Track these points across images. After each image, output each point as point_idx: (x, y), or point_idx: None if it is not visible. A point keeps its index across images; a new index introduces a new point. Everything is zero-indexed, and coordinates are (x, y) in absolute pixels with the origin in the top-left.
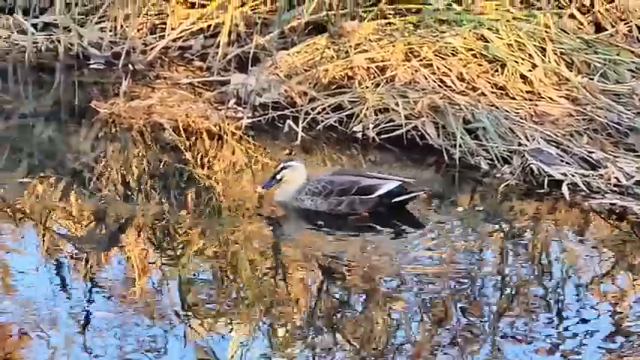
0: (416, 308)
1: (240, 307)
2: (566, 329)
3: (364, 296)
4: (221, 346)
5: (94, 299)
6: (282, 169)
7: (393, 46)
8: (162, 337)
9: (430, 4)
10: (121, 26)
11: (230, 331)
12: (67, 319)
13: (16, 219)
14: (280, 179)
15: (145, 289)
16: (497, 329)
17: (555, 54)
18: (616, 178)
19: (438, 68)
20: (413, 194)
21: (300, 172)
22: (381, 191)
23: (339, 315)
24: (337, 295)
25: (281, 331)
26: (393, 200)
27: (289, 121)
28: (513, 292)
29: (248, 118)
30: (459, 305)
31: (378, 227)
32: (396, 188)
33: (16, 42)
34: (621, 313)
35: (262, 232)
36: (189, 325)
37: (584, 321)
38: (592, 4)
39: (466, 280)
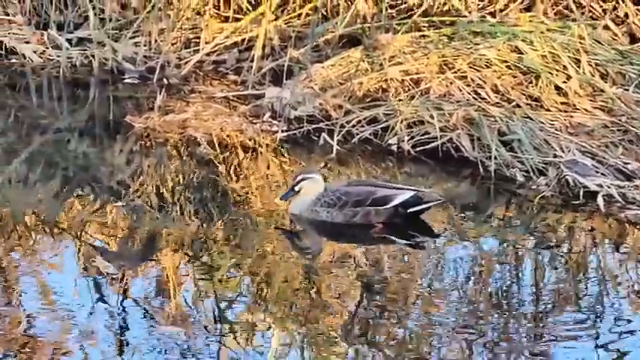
0: (451, 321)
1: (273, 320)
2: (603, 342)
3: (398, 309)
4: None
5: (130, 314)
6: (302, 180)
7: (428, 58)
8: (198, 352)
9: (464, 17)
10: (155, 41)
11: (265, 346)
12: (104, 335)
13: (52, 234)
14: (299, 191)
15: (181, 303)
16: (534, 343)
17: (590, 65)
18: None
19: (472, 80)
20: (429, 204)
21: (318, 183)
22: (396, 201)
23: (373, 328)
24: (370, 308)
25: (316, 345)
26: (409, 210)
27: (324, 134)
28: (550, 306)
29: (283, 131)
30: (491, 317)
31: (401, 238)
32: (411, 198)
33: (50, 57)
34: None
35: (282, 246)
36: (225, 340)
37: (623, 334)
38: (626, 15)
39: (501, 292)
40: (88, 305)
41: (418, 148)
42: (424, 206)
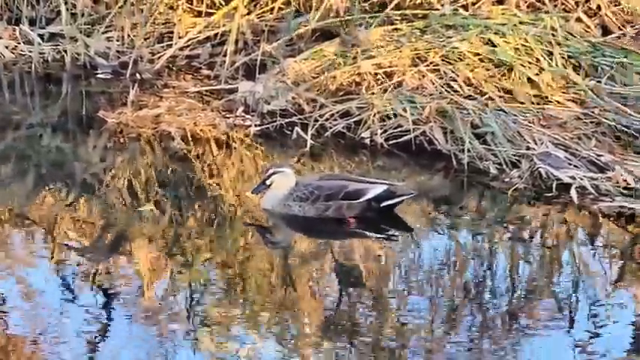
0: (425, 313)
1: (247, 315)
2: (577, 332)
3: (373, 303)
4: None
5: (103, 309)
6: (273, 174)
7: (400, 51)
8: (172, 347)
9: (437, 10)
10: (128, 35)
11: (239, 340)
12: (77, 330)
13: (24, 229)
14: (270, 185)
15: (154, 298)
16: (509, 335)
17: (562, 57)
18: (625, 180)
19: (445, 73)
20: (401, 198)
21: (289, 178)
22: (368, 195)
23: (349, 321)
24: (343, 301)
25: (290, 339)
26: (382, 204)
27: (297, 129)
28: (524, 298)
29: (256, 125)
30: (466, 309)
31: (374, 232)
32: (384, 192)
33: (22, 53)
34: (633, 315)
35: (255, 241)
36: (198, 335)
37: (595, 324)
38: (599, 8)
39: (475, 285)
40: (59, 300)
41: (391, 142)
42: (396, 200)
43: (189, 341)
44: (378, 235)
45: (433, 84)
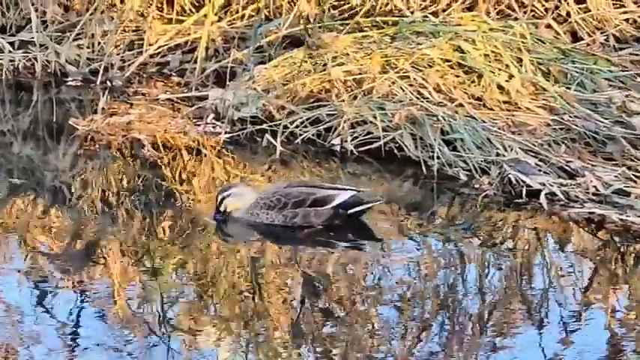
0: (394, 321)
1: (218, 322)
2: (548, 340)
3: (338, 310)
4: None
5: (74, 317)
6: (223, 199)
7: (370, 58)
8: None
9: (407, 17)
10: (99, 43)
11: (209, 347)
12: (49, 337)
13: None
14: (224, 210)
15: (125, 305)
16: (479, 342)
17: (532, 64)
18: (594, 187)
19: (415, 80)
20: (368, 205)
21: (242, 195)
22: (335, 202)
23: (316, 330)
24: (313, 310)
25: (258, 347)
26: (349, 211)
27: (268, 136)
28: (494, 305)
29: (226, 133)
30: (437, 317)
31: (342, 240)
32: (351, 199)
33: None
34: (603, 321)
35: (224, 249)
36: (170, 342)
37: (566, 331)
38: (568, 14)
39: (445, 291)
40: (30, 307)
41: (361, 148)
42: (364, 207)
43: (160, 348)
44: (347, 243)
45: (403, 91)
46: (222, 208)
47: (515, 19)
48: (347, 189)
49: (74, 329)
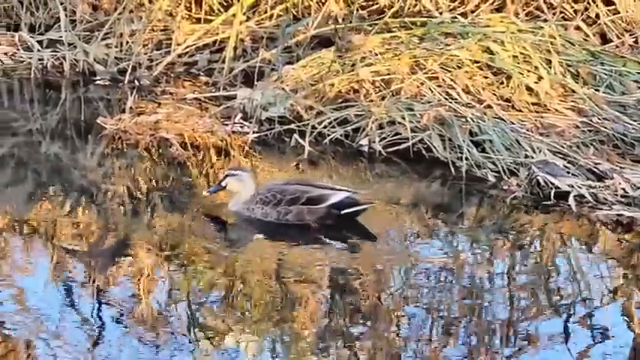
0: (419, 321)
1: (247, 320)
2: (575, 342)
3: (348, 309)
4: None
5: (102, 316)
6: (226, 176)
7: (399, 59)
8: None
9: (435, 17)
10: (127, 42)
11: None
12: (75, 336)
13: (23, 235)
14: (225, 186)
15: (152, 305)
16: (506, 344)
17: (561, 66)
18: (623, 189)
19: (443, 81)
20: (362, 206)
21: (245, 181)
22: (329, 202)
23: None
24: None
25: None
26: (342, 211)
27: (296, 136)
28: (523, 306)
29: (254, 132)
30: (464, 317)
31: (337, 240)
32: (346, 199)
33: (21, 59)
34: (631, 324)
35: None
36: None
37: (595, 333)
38: (597, 16)
39: (473, 293)
40: (58, 306)
41: (389, 149)
42: (358, 208)
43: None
44: (351, 240)
45: (431, 91)
46: (223, 184)
47: (545, 20)
48: (342, 189)
49: (98, 327)
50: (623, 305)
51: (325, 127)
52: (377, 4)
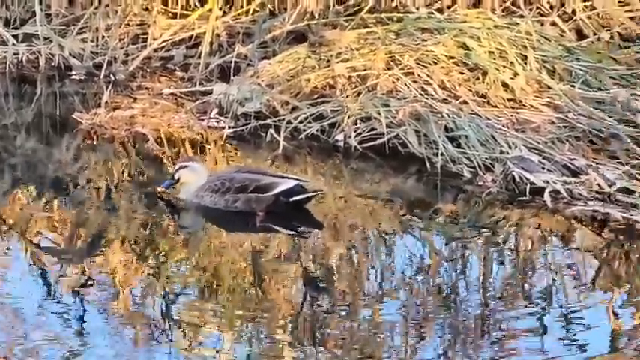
0: (395, 314)
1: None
2: (549, 337)
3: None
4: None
5: (77, 309)
6: (179, 169)
7: (375, 54)
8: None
9: (412, 13)
10: (103, 37)
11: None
12: (52, 329)
13: None
14: (178, 179)
15: (128, 298)
16: (478, 339)
17: (537, 61)
18: (598, 185)
19: (419, 76)
20: (309, 194)
21: (198, 172)
22: (277, 190)
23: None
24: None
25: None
26: (290, 199)
27: (271, 131)
28: (498, 302)
29: (230, 127)
30: (438, 314)
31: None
32: (293, 187)
33: None
34: (606, 318)
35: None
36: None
37: (567, 329)
38: (574, 12)
39: (447, 288)
40: (34, 300)
41: (365, 145)
42: (305, 196)
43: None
44: (290, 232)
45: (407, 87)
46: (176, 176)
47: (521, 16)
48: (291, 178)
49: (77, 321)
50: (598, 300)
51: (301, 122)
52: None
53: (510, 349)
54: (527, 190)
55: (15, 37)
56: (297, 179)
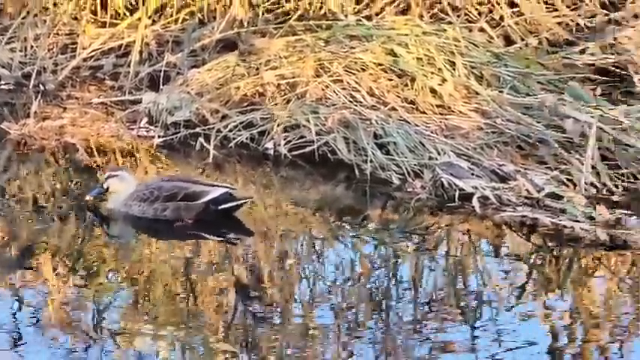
0: (330, 322)
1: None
2: (481, 343)
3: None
4: None
5: (7, 321)
6: (108, 177)
7: (304, 62)
8: None
9: (340, 20)
10: (31, 46)
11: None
12: None
13: None
14: (107, 188)
15: (59, 309)
16: (411, 349)
17: (465, 67)
18: (527, 190)
19: (348, 83)
20: (239, 202)
21: (126, 181)
22: (206, 198)
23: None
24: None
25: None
26: (219, 207)
27: (201, 139)
28: (427, 309)
29: (160, 137)
30: (369, 320)
31: (214, 235)
32: (222, 195)
33: None
34: (536, 323)
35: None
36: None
37: (499, 333)
38: (502, 18)
39: (378, 295)
40: None
41: (295, 152)
42: (234, 203)
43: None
44: (220, 238)
45: (336, 94)
46: (105, 185)
47: (449, 22)
48: (220, 186)
49: (11, 332)
50: (528, 305)
51: (231, 130)
52: (282, 7)
53: (440, 356)
54: (457, 195)
55: None
56: (226, 187)
